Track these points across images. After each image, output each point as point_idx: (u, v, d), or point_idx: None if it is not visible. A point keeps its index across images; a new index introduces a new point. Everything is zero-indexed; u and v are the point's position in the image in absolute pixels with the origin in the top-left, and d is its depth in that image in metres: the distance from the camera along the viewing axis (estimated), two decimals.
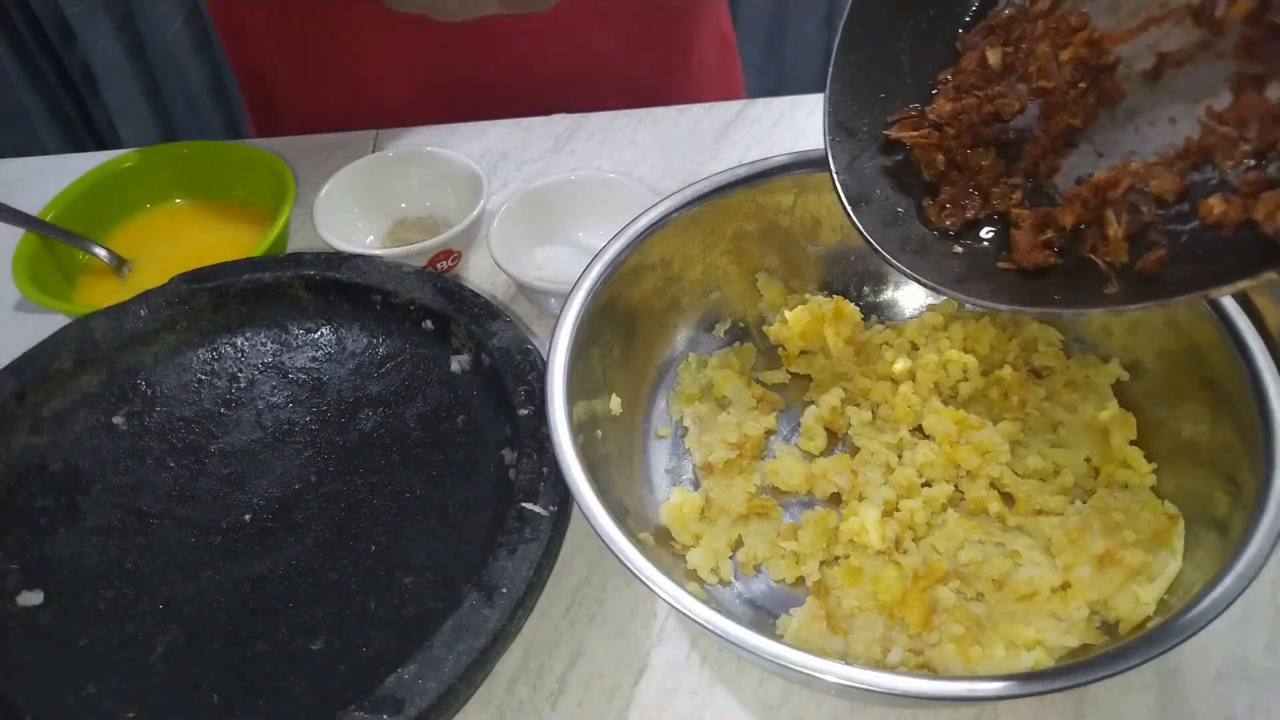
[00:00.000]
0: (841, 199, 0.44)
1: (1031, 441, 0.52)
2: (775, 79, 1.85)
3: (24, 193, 0.71)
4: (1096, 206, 0.40)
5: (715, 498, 0.52)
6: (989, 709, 0.46)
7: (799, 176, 0.57)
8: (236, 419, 0.55)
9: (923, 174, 0.45)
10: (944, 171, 0.45)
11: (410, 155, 0.72)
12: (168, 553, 0.49)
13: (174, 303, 0.58)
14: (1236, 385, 0.45)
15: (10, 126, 1.64)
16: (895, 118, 0.46)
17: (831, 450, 0.55)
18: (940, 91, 0.45)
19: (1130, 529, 0.46)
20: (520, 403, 0.51)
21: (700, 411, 0.56)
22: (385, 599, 0.47)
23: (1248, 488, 0.43)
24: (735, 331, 0.60)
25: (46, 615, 0.47)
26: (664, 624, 0.50)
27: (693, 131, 0.81)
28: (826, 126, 0.45)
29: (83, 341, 0.56)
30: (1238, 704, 0.45)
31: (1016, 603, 0.46)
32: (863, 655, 0.45)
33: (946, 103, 0.45)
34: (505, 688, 0.47)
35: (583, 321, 0.51)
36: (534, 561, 0.44)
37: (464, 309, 0.56)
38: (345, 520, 0.50)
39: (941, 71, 0.46)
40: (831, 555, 0.49)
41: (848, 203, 0.44)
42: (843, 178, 0.44)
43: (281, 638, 0.46)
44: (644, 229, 0.55)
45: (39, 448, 0.54)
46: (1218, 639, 0.47)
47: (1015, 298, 0.40)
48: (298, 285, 0.60)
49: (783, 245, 0.60)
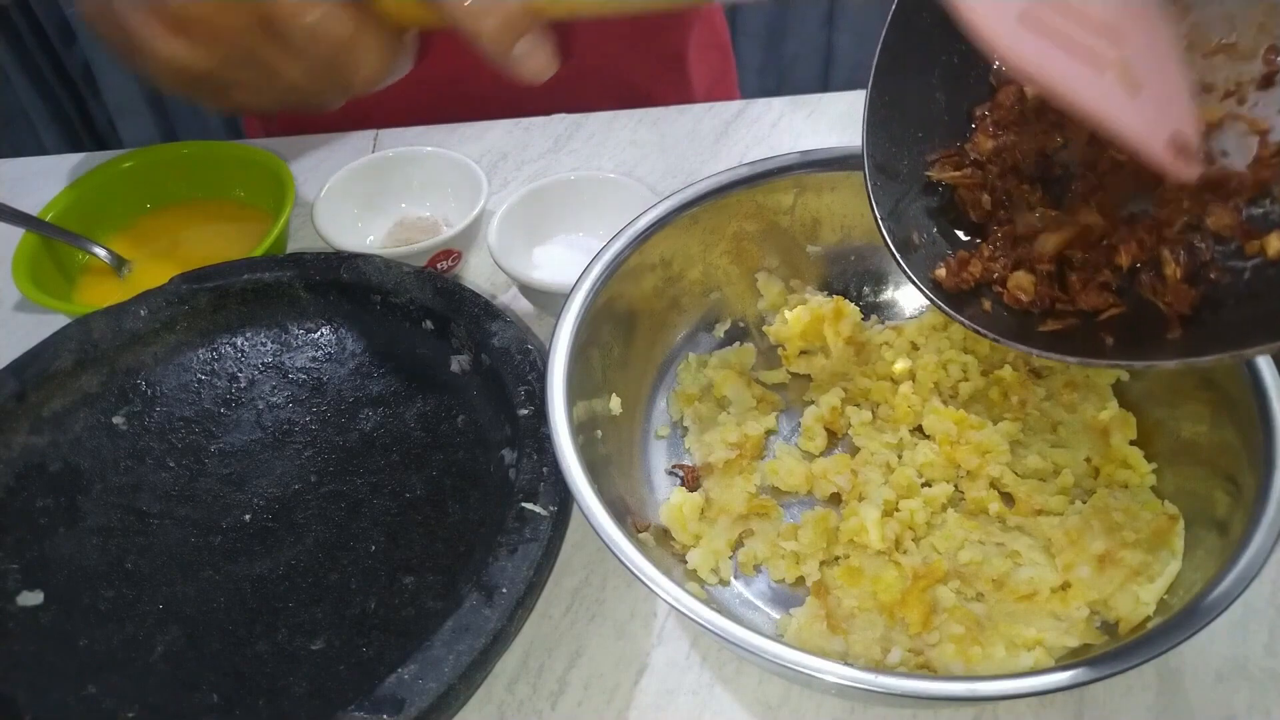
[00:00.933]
0: (890, 247, 0.42)
1: (1031, 441, 0.52)
2: (775, 79, 1.85)
3: (24, 193, 0.71)
4: (1153, 246, 0.39)
5: (715, 498, 0.52)
6: (989, 709, 0.46)
7: (799, 176, 0.57)
8: (236, 419, 0.55)
9: (969, 214, 0.44)
10: (990, 211, 0.43)
11: (410, 155, 0.72)
12: (168, 553, 0.49)
13: (174, 303, 0.58)
14: (1236, 385, 0.45)
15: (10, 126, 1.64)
16: (935, 157, 0.44)
17: (831, 450, 0.55)
18: (978, 127, 0.44)
19: (1130, 529, 0.46)
20: (520, 403, 0.51)
21: (700, 411, 0.56)
22: (385, 599, 0.47)
23: (1248, 488, 0.43)
24: (735, 331, 0.60)
25: (46, 615, 0.47)
26: (664, 624, 0.50)
27: (693, 131, 0.81)
28: (867, 171, 0.43)
29: (83, 341, 0.56)
30: (1238, 704, 0.45)
31: (1016, 603, 0.46)
32: (863, 655, 0.45)
33: (986, 139, 0.43)
34: (505, 688, 0.47)
35: (583, 321, 0.51)
36: (534, 561, 0.44)
37: (464, 309, 0.56)
38: (345, 520, 0.50)
39: (979, 106, 0.44)
40: (831, 555, 0.49)
41: (896, 250, 0.42)
42: (888, 224, 0.43)
43: (281, 638, 0.46)
44: (644, 229, 0.55)
45: (39, 448, 0.54)
46: (1218, 639, 0.47)
47: (1076, 349, 0.38)
48: (298, 285, 0.60)
49: (783, 245, 0.60)
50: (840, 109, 0.82)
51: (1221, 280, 0.37)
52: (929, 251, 0.43)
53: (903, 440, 0.53)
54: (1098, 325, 0.40)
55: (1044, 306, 0.41)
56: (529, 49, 0.40)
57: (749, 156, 0.76)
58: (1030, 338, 0.40)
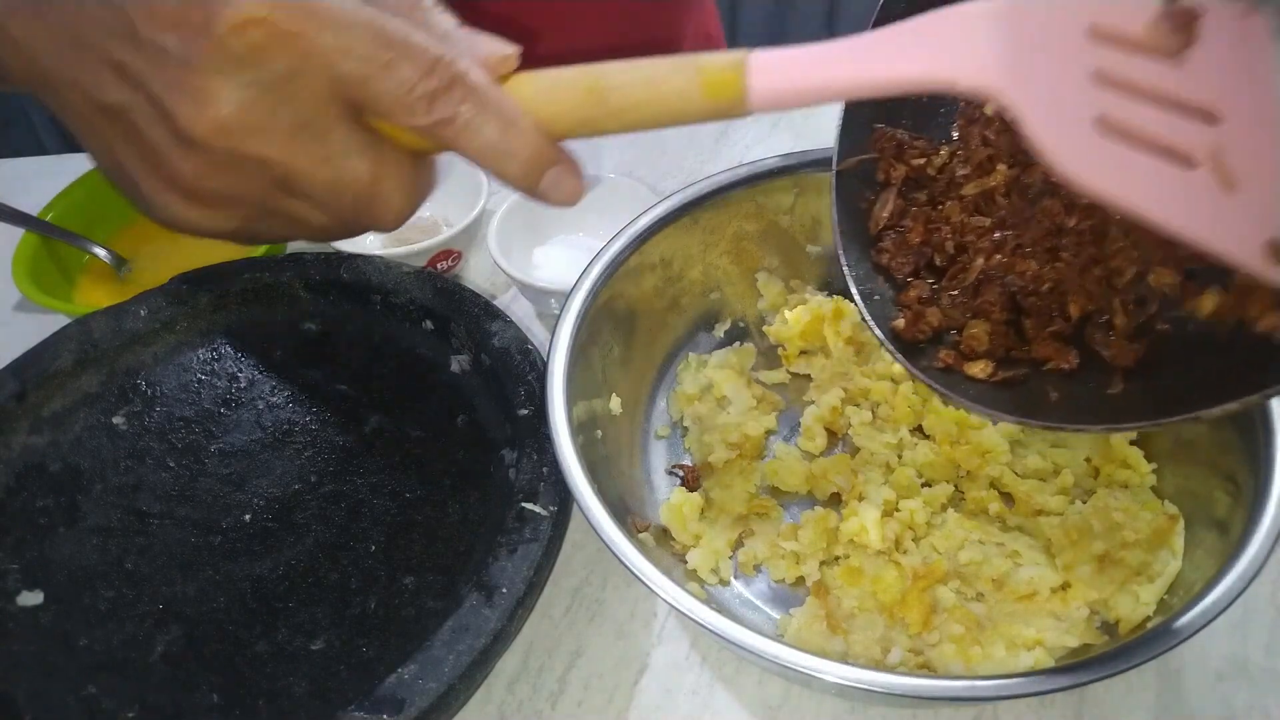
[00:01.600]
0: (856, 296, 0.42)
1: (1031, 441, 0.52)
2: None
3: (24, 193, 0.70)
4: (1101, 297, 0.39)
5: (715, 498, 0.52)
6: (989, 709, 0.46)
7: (799, 176, 0.57)
8: (236, 419, 0.55)
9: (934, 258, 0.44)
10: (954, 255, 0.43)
11: None
12: (168, 553, 0.49)
13: (174, 303, 0.58)
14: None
15: (10, 126, 1.64)
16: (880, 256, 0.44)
17: (831, 450, 0.55)
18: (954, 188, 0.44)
19: (1130, 529, 0.46)
20: (520, 403, 0.51)
21: (700, 411, 0.56)
22: (385, 599, 0.47)
23: (1248, 488, 0.43)
24: (735, 331, 0.60)
25: (46, 615, 0.47)
26: (664, 624, 0.50)
27: (693, 131, 0.81)
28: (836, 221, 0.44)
29: (83, 341, 0.56)
30: (1238, 704, 0.45)
31: (1016, 603, 0.46)
32: (863, 655, 0.45)
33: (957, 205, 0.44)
34: (505, 688, 0.47)
35: (583, 321, 0.51)
36: (534, 561, 0.44)
37: (464, 309, 0.56)
38: (345, 520, 0.50)
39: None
40: (831, 555, 0.49)
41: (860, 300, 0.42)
42: (855, 271, 0.43)
43: (281, 638, 0.46)
44: (644, 229, 0.55)
45: (39, 448, 0.54)
46: (1218, 639, 0.47)
47: (1018, 403, 0.38)
48: (298, 285, 0.60)
49: (783, 245, 0.60)
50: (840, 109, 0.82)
51: (1167, 333, 0.37)
52: (885, 300, 0.43)
53: (903, 440, 0.53)
54: (1043, 376, 0.39)
55: (998, 356, 0.41)
56: (557, 179, 0.38)
57: (749, 156, 0.76)
58: (966, 388, 0.39)
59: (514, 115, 0.36)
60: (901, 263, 0.43)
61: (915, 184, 0.45)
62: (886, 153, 0.45)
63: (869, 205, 0.45)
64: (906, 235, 0.44)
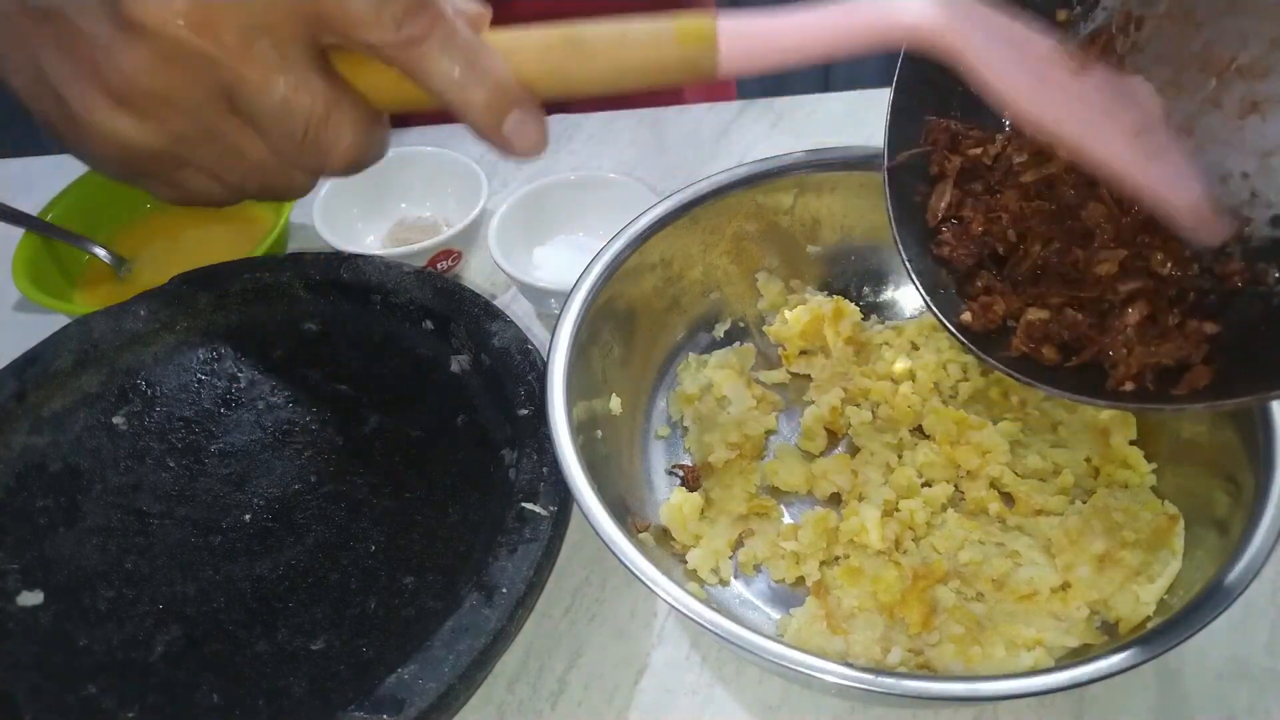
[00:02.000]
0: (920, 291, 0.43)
1: (1031, 441, 0.52)
2: (775, 79, 1.84)
3: (24, 193, 0.70)
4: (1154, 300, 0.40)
5: (715, 498, 0.52)
6: (989, 709, 0.46)
7: (799, 176, 0.57)
8: (236, 419, 0.55)
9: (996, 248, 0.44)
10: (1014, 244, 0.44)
11: (410, 155, 0.72)
12: (168, 553, 0.49)
13: (174, 303, 0.58)
14: None
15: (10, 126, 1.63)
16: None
17: (831, 450, 0.55)
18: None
19: (1130, 529, 0.46)
20: (520, 403, 0.51)
21: (700, 411, 0.56)
22: (385, 599, 0.47)
23: (1248, 488, 0.43)
24: (735, 331, 0.60)
25: (46, 615, 0.47)
26: (664, 624, 0.50)
27: (693, 131, 0.81)
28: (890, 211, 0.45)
29: (83, 341, 0.56)
30: (1238, 704, 0.45)
31: (1016, 603, 0.46)
32: (863, 655, 0.45)
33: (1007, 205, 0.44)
34: (505, 688, 0.47)
35: (583, 321, 0.51)
36: (534, 561, 0.44)
37: (464, 309, 0.56)
38: (345, 520, 0.50)
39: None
40: (831, 555, 0.49)
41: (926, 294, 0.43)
42: (916, 266, 0.44)
43: (281, 638, 0.46)
44: (644, 229, 0.55)
45: (39, 448, 0.54)
46: (1218, 639, 0.47)
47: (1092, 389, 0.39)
48: (298, 285, 0.60)
49: (783, 245, 0.60)
50: (840, 109, 0.82)
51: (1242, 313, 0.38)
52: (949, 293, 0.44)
53: (903, 440, 0.53)
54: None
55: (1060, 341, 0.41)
56: (520, 123, 0.36)
57: (749, 156, 0.76)
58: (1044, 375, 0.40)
59: (481, 48, 0.35)
60: (964, 254, 0.44)
61: (970, 174, 0.45)
62: (941, 144, 0.45)
63: (923, 198, 0.45)
64: (968, 226, 0.44)
